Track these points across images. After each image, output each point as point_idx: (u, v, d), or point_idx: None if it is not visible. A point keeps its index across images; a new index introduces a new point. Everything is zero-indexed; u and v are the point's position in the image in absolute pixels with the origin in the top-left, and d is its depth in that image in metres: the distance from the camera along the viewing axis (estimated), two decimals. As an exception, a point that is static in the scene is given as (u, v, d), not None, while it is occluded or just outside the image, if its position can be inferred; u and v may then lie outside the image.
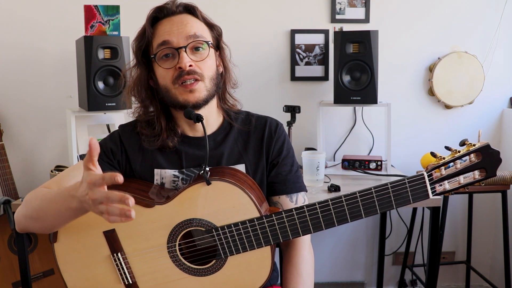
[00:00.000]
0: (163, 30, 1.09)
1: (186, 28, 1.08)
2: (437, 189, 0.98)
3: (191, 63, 1.07)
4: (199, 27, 1.11)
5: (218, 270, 1.05)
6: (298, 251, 1.16)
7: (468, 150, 0.97)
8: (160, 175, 1.15)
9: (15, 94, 2.33)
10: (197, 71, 1.07)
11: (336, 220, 0.99)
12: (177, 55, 1.07)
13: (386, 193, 0.97)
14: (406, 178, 0.97)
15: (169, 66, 1.08)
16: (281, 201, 1.18)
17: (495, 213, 2.53)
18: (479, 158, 0.97)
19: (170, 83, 1.08)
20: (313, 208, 0.99)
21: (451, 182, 0.98)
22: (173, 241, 1.04)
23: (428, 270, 1.94)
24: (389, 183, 0.97)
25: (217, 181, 1.02)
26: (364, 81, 2.10)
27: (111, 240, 1.04)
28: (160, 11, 1.10)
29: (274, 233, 1.01)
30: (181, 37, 1.07)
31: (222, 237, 1.02)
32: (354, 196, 0.98)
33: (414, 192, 0.97)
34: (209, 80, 1.10)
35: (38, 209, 1.01)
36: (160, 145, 1.14)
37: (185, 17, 1.10)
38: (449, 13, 2.41)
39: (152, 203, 1.03)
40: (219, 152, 1.16)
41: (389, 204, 0.98)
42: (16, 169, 2.29)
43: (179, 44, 1.07)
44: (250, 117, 1.22)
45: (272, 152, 1.19)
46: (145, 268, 1.06)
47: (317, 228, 1.00)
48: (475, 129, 2.43)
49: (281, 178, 1.18)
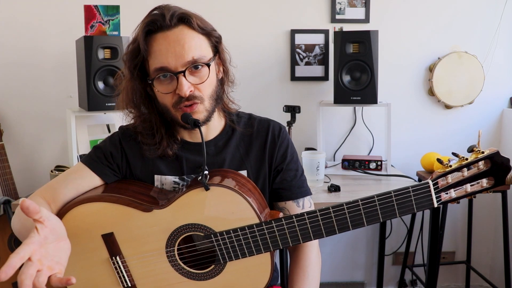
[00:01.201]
0: (159, 50, 1.02)
1: (183, 50, 1.01)
2: (442, 197, 0.94)
3: (191, 88, 1.02)
4: (197, 44, 1.03)
5: (217, 274, 1.04)
6: (306, 254, 1.15)
7: (476, 157, 0.92)
8: (161, 181, 1.14)
9: (15, 94, 2.33)
10: (196, 95, 1.04)
11: (338, 228, 0.97)
12: (175, 78, 1.02)
13: (390, 202, 0.94)
14: (411, 186, 0.93)
15: (167, 90, 1.04)
16: (288, 207, 1.17)
17: (495, 213, 2.53)
18: (487, 166, 0.92)
19: (170, 106, 1.06)
20: (314, 215, 0.97)
21: (457, 190, 0.94)
22: (172, 246, 1.03)
23: (428, 270, 1.94)
24: (393, 191, 0.94)
25: (215, 187, 1.01)
26: (364, 81, 2.10)
27: (110, 243, 1.04)
28: (153, 24, 1.02)
29: (274, 239, 1.00)
30: (179, 61, 1.01)
31: (221, 243, 1.01)
32: (356, 204, 0.95)
33: (419, 201, 0.93)
34: (208, 100, 1.07)
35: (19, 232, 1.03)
36: (161, 153, 1.12)
37: (181, 32, 1.02)
38: (449, 13, 2.41)
39: (150, 208, 1.02)
40: (220, 158, 1.15)
41: (392, 213, 0.95)
42: (16, 169, 2.29)
43: (177, 69, 1.01)
44: (252, 120, 1.20)
45: (276, 158, 1.17)
46: (144, 271, 1.05)
47: (318, 235, 0.98)
48: (475, 129, 2.43)
49: (286, 184, 1.17)
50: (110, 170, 1.13)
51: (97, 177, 1.11)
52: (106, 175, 1.12)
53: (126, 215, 1.03)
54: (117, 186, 1.12)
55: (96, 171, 1.11)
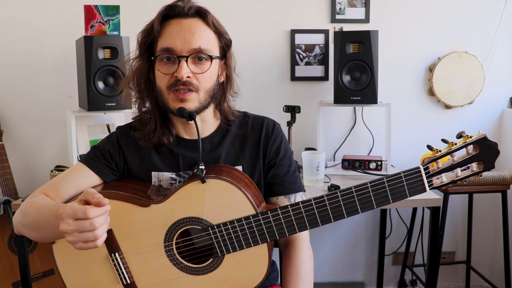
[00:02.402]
0: (170, 33, 1.07)
1: (192, 38, 1.05)
2: (434, 182, 0.97)
3: (189, 74, 1.05)
4: (207, 37, 1.08)
5: (216, 268, 1.05)
6: (297, 251, 1.15)
7: (465, 142, 0.96)
8: (158, 178, 1.15)
9: (15, 94, 2.33)
10: (193, 83, 1.06)
11: (332, 216, 0.99)
12: (177, 62, 1.06)
13: (382, 188, 0.97)
14: (402, 172, 0.96)
15: (167, 71, 1.07)
16: (279, 202, 1.18)
17: (495, 213, 2.53)
18: (476, 150, 0.96)
19: (164, 88, 1.08)
20: (309, 204, 0.99)
21: (448, 175, 0.97)
22: (170, 240, 1.04)
23: (428, 270, 1.94)
24: (385, 177, 0.97)
25: (212, 179, 1.02)
26: (364, 81, 2.10)
27: (109, 240, 1.04)
28: (171, 9, 1.08)
29: (270, 230, 1.01)
30: (185, 46, 1.05)
31: (218, 235, 1.02)
32: (349, 192, 0.97)
33: (411, 186, 0.96)
34: (204, 92, 1.09)
35: (34, 221, 1.02)
36: (156, 142, 1.13)
37: (194, 24, 1.08)
38: (449, 13, 2.41)
39: (148, 203, 1.03)
40: (216, 155, 1.16)
41: (385, 199, 0.97)
42: (16, 169, 2.29)
43: (182, 53, 1.05)
44: (246, 119, 1.21)
45: (269, 154, 1.19)
46: (143, 267, 1.06)
47: (313, 224, 1.00)
48: (475, 129, 2.41)
49: (278, 179, 1.18)
50: (109, 169, 1.15)
51: (96, 176, 1.13)
52: (105, 174, 1.14)
53: (125, 211, 1.03)
54: (115, 184, 1.13)
55: (95, 170, 1.13)
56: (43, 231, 1.01)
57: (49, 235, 1.01)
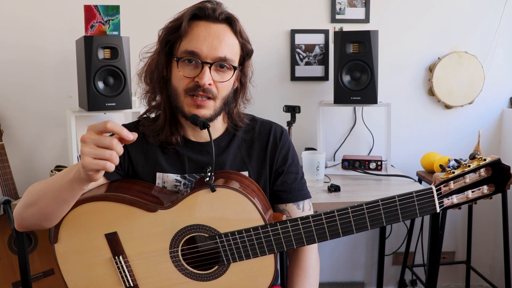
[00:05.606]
0: (197, 35, 1.05)
1: (220, 46, 1.05)
2: (445, 203, 0.97)
3: (211, 81, 1.05)
4: (233, 46, 1.08)
5: (221, 275, 1.05)
6: (306, 255, 1.16)
7: (478, 164, 0.95)
8: (162, 179, 1.14)
9: (15, 94, 2.33)
10: (212, 91, 1.06)
11: (342, 231, 0.99)
12: (200, 66, 1.04)
13: (394, 206, 0.97)
14: (414, 191, 0.96)
15: (188, 74, 1.05)
16: (288, 209, 1.18)
17: (495, 213, 2.53)
18: (488, 173, 0.95)
19: (181, 90, 1.07)
20: (319, 218, 0.99)
21: (459, 196, 0.97)
22: (176, 246, 1.04)
23: (428, 270, 1.94)
24: (397, 196, 0.96)
25: (221, 188, 1.01)
26: (364, 81, 2.10)
27: (113, 243, 1.04)
28: (201, 10, 1.06)
29: (278, 241, 1.00)
30: (211, 53, 1.04)
31: (225, 244, 1.02)
32: (360, 208, 0.97)
33: (422, 206, 0.96)
34: (220, 100, 1.09)
35: (38, 191, 1.00)
36: (164, 140, 1.12)
37: (223, 31, 1.07)
38: (449, 13, 2.41)
39: (155, 208, 1.03)
40: (222, 159, 1.15)
41: (395, 217, 0.97)
42: (16, 169, 2.29)
43: (206, 59, 1.04)
44: (253, 124, 1.21)
45: (277, 161, 1.18)
46: (147, 271, 1.06)
47: (322, 238, 1.00)
48: (475, 129, 2.43)
49: (287, 187, 1.18)
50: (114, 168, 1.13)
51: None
52: (109, 173, 1.12)
53: (130, 215, 1.03)
54: (120, 186, 1.12)
55: None
56: (46, 197, 0.96)
57: (53, 201, 0.96)
